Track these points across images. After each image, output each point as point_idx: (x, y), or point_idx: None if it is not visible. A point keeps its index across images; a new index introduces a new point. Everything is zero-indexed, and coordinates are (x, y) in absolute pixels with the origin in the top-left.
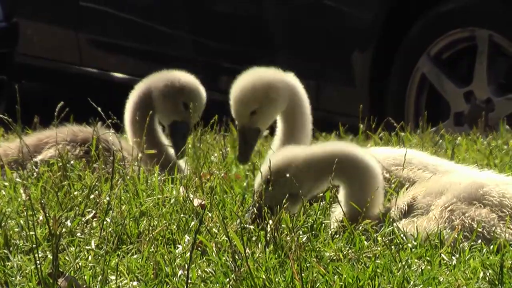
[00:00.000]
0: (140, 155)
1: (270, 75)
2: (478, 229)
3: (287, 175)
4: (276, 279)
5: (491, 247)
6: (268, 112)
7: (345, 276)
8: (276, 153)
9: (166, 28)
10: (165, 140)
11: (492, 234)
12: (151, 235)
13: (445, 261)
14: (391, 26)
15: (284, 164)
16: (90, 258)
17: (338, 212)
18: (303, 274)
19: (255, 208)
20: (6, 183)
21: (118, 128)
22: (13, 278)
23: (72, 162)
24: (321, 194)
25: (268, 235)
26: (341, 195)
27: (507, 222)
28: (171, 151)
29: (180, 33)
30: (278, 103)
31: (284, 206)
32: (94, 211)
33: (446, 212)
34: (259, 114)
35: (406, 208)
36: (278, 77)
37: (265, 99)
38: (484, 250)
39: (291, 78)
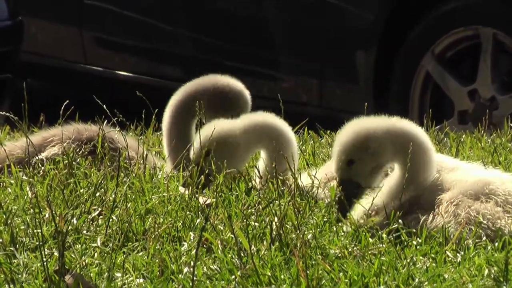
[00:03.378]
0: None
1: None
2: (483, 221)
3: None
4: (282, 276)
5: (496, 244)
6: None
7: (350, 273)
8: (345, 130)
9: (170, 27)
10: None
11: (497, 226)
12: (156, 232)
13: (450, 258)
14: (395, 24)
15: (363, 139)
16: (96, 255)
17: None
18: (308, 271)
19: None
20: (12, 181)
21: (124, 126)
22: (20, 276)
23: (78, 160)
24: (327, 193)
25: (274, 232)
26: (391, 179)
27: None
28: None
29: (184, 32)
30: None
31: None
32: (100, 209)
33: (451, 207)
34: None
35: (412, 205)
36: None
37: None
38: (489, 247)
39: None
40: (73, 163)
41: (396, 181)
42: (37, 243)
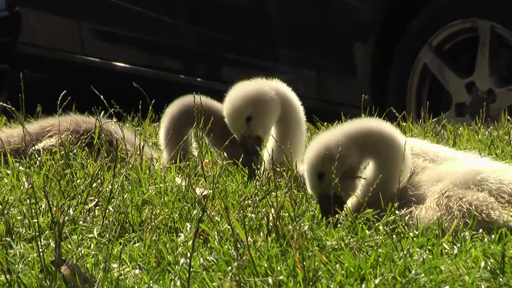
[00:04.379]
0: (156, 155)
1: (258, 84)
2: (476, 213)
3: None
4: (278, 268)
5: (493, 236)
6: (264, 117)
7: (346, 265)
8: (309, 148)
9: (168, 19)
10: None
11: (491, 217)
12: (153, 223)
13: (446, 250)
14: (393, 16)
15: (324, 149)
16: (92, 246)
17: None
18: (305, 263)
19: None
20: (9, 171)
21: (121, 117)
22: (16, 266)
23: (75, 150)
24: None
25: (270, 223)
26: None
27: (508, 210)
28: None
29: (182, 24)
30: (272, 106)
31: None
32: (96, 200)
33: (443, 199)
34: (254, 120)
35: (405, 197)
36: (266, 85)
37: (257, 104)
38: (486, 240)
39: (280, 85)
40: (70, 154)
41: (372, 175)
42: (34, 233)
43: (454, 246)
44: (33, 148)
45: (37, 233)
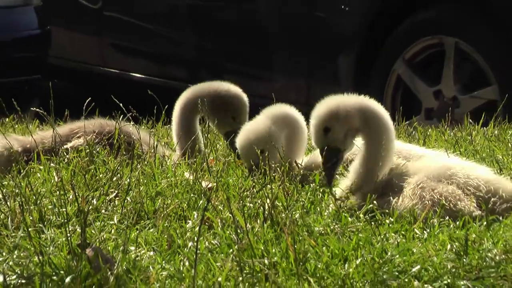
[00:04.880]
0: (170, 153)
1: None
2: (445, 203)
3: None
4: (273, 250)
5: (458, 222)
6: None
7: (332, 247)
8: (317, 107)
9: (176, 34)
10: (202, 145)
11: (457, 207)
12: (165, 212)
13: (417, 235)
14: (372, 34)
15: (332, 107)
16: (113, 231)
17: (348, 179)
18: (296, 246)
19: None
20: (41, 167)
21: (137, 120)
22: (47, 248)
23: (98, 149)
24: (310, 178)
25: (266, 212)
26: (354, 164)
27: (471, 198)
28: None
29: (188, 38)
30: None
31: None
32: (116, 191)
33: (417, 189)
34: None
35: (385, 188)
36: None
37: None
38: (452, 226)
39: (288, 108)
40: (94, 152)
41: (361, 158)
42: (62, 220)
43: (424, 232)
44: (63, 147)
45: (65, 220)
